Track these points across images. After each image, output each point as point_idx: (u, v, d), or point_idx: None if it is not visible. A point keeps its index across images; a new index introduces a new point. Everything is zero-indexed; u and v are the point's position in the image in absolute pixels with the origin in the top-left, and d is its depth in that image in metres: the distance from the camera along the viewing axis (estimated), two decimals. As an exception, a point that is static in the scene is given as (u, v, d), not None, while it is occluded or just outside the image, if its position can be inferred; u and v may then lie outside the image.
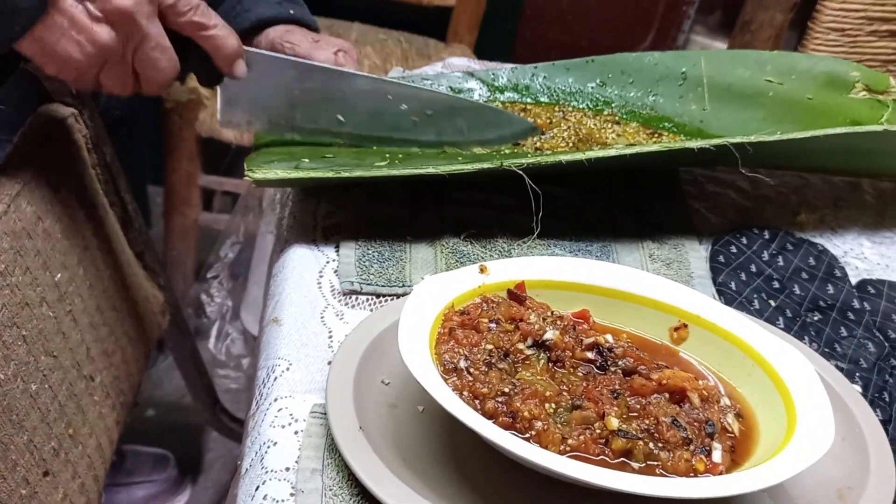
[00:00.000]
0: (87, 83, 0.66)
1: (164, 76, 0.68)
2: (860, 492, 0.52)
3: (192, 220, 1.72)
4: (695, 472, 0.49)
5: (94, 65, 0.64)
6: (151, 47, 0.66)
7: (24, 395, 0.71)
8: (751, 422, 0.53)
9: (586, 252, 0.74)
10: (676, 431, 0.50)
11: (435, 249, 0.72)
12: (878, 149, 0.80)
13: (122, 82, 0.67)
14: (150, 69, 0.67)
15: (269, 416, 0.58)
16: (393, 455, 0.53)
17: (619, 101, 0.91)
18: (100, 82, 0.66)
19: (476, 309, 0.58)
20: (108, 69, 0.65)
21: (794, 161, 0.85)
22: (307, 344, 0.64)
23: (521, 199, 0.70)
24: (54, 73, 0.64)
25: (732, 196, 0.86)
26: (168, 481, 1.44)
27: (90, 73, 0.65)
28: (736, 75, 0.92)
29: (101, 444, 0.88)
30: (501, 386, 0.52)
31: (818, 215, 0.85)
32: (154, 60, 0.66)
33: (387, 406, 0.56)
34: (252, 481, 0.55)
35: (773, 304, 0.71)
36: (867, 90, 0.90)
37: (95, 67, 0.64)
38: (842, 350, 0.67)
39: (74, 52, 0.62)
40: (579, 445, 0.50)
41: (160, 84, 0.69)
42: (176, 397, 1.63)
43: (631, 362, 0.55)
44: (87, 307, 0.85)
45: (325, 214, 0.75)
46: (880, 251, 0.82)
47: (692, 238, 0.78)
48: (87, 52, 0.63)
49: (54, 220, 0.79)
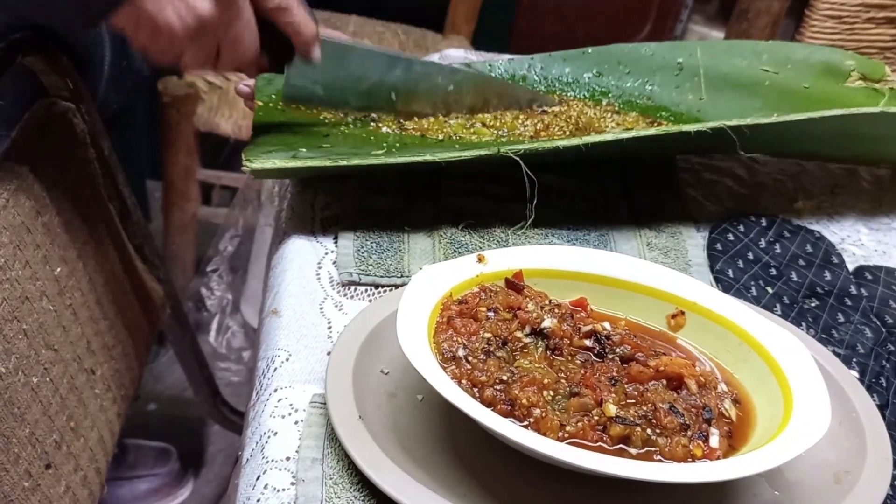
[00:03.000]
0: (171, 56, 0.66)
1: (246, 55, 0.70)
2: (857, 475, 0.53)
3: (191, 214, 1.72)
4: (692, 457, 0.50)
5: (188, 37, 0.64)
6: (242, 25, 0.67)
7: (25, 388, 0.72)
8: (748, 407, 0.54)
9: (584, 241, 0.75)
10: (674, 417, 0.51)
11: (433, 240, 0.72)
12: (874, 134, 0.80)
13: (206, 57, 0.68)
14: (235, 46, 0.68)
15: (270, 407, 0.58)
16: (392, 443, 0.53)
17: (615, 92, 0.92)
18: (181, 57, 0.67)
19: (474, 298, 0.58)
20: (198, 43, 0.66)
21: (791, 146, 0.85)
22: (306, 335, 0.64)
23: (518, 188, 0.70)
24: (145, 42, 0.64)
25: (729, 184, 0.87)
26: (170, 475, 1.45)
27: (180, 46, 0.65)
28: (732, 65, 0.92)
29: (103, 437, 0.89)
30: (500, 374, 0.52)
31: (815, 202, 0.85)
32: (242, 39, 0.68)
33: (386, 395, 0.57)
34: (253, 471, 0.55)
35: (770, 291, 0.72)
36: (863, 79, 0.90)
37: (187, 40, 0.65)
38: (839, 336, 0.68)
39: (174, 23, 0.63)
40: (577, 432, 0.50)
41: (239, 62, 0.70)
42: (177, 391, 1.63)
43: (628, 349, 0.55)
44: (88, 301, 0.85)
45: (323, 206, 0.76)
46: (877, 238, 0.82)
47: (689, 226, 0.78)
48: (185, 23, 0.63)
49: (53, 215, 0.79)
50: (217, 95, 1.66)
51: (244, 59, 0.70)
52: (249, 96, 0.82)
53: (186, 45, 0.65)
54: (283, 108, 0.81)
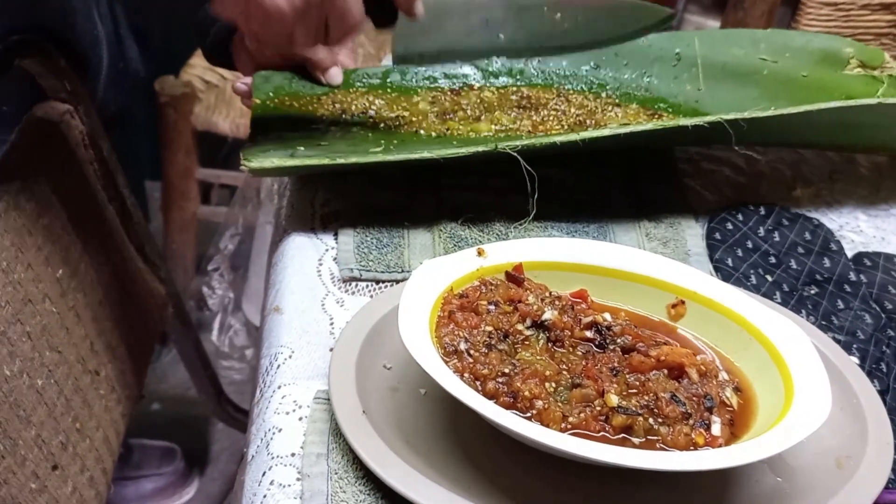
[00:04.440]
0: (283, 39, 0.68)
1: (353, 22, 0.71)
2: (858, 460, 0.53)
3: (191, 213, 1.72)
4: (695, 445, 0.50)
5: (297, 15, 0.66)
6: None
7: (30, 390, 0.72)
8: (749, 395, 0.54)
9: (583, 233, 0.75)
10: (676, 406, 0.51)
11: (433, 234, 0.73)
12: (872, 123, 0.80)
13: (316, 32, 0.69)
14: (342, 16, 0.69)
15: (274, 404, 0.59)
16: (396, 437, 0.53)
17: (613, 84, 0.92)
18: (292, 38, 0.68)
19: (475, 292, 0.58)
20: (305, 20, 0.67)
21: (789, 137, 0.85)
22: (309, 331, 0.64)
23: (517, 182, 0.70)
24: (256, 29, 0.66)
25: (728, 173, 0.87)
26: (176, 474, 1.45)
27: (290, 27, 0.66)
28: (730, 54, 0.92)
29: (109, 437, 0.89)
30: (502, 367, 0.52)
31: (813, 190, 0.86)
32: (348, 7, 0.69)
33: (389, 390, 0.57)
34: (259, 467, 0.55)
35: (769, 279, 0.72)
36: (862, 66, 0.90)
37: (297, 17, 0.66)
38: (839, 322, 0.68)
39: (281, 3, 0.64)
40: (580, 423, 0.51)
41: (347, 32, 0.72)
42: (181, 390, 1.64)
43: (629, 340, 0.56)
44: (90, 302, 0.86)
45: (323, 203, 0.76)
46: (876, 224, 0.82)
47: (688, 216, 0.79)
48: (293, 3, 0.64)
49: (54, 217, 0.80)
50: (214, 94, 1.66)
51: (351, 27, 0.71)
52: (247, 94, 0.82)
53: (296, 24, 0.66)
54: (280, 105, 0.81)
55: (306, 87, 0.83)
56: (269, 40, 0.67)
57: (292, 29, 0.66)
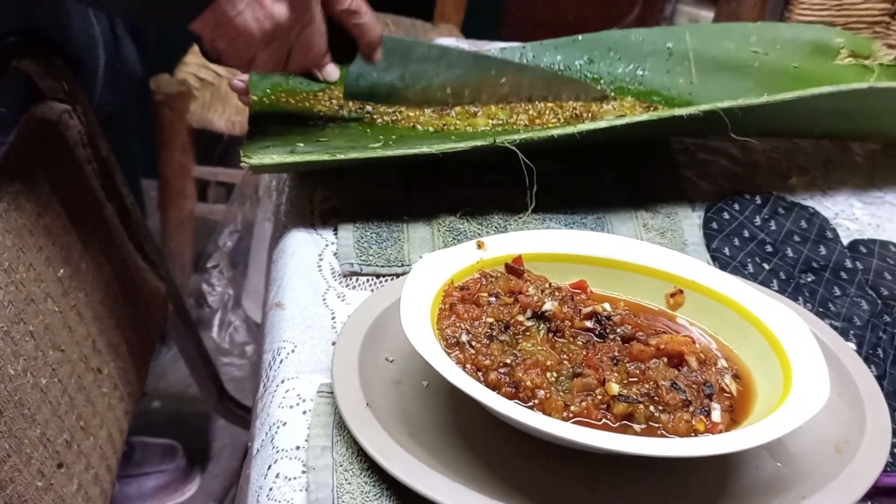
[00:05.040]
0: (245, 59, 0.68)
1: (315, 58, 0.72)
2: (857, 445, 0.53)
3: (188, 211, 1.73)
4: (695, 432, 0.50)
5: (264, 40, 0.66)
6: (313, 30, 0.69)
7: (34, 389, 0.72)
8: (748, 382, 0.55)
9: (581, 224, 0.75)
10: (676, 394, 0.51)
11: (432, 228, 0.73)
12: (865, 110, 0.81)
13: (278, 60, 0.70)
14: (306, 50, 0.70)
15: (278, 398, 0.59)
16: (400, 430, 0.54)
17: (607, 78, 0.92)
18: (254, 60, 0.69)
19: (475, 284, 0.59)
20: (272, 46, 0.67)
21: (782, 126, 0.86)
22: (311, 326, 0.65)
23: (515, 175, 0.71)
24: (222, 46, 0.66)
25: (724, 163, 0.87)
26: (177, 471, 1.46)
27: (255, 49, 0.67)
28: (721, 48, 0.92)
29: (112, 435, 0.89)
30: (503, 357, 0.53)
31: (809, 178, 0.86)
32: (313, 42, 0.70)
33: (392, 383, 0.57)
34: (264, 461, 0.56)
35: (766, 268, 0.73)
36: (852, 56, 0.91)
37: (264, 43, 0.66)
38: (835, 309, 0.69)
39: (252, 27, 0.64)
40: (581, 411, 0.51)
41: (308, 65, 0.72)
42: (181, 388, 1.64)
43: (629, 329, 0.56)
44: (91, 301, 0.86)
45: (322, 199, 0.76)
46: (871, 211, 0.83)
47: (685, 206, 0.79)
48: (263, 27, 0.65)
49: (54, 217, 0.80)
50: (210, 92, 1.66)
51: (313, 60, 0.72)
52: (244, 91, 0.82)
53: (261, 48, 0.67)
54: (277, 102, 0.81)
55: (303, 83, 0.83)
56: (231, 59, 0.68)
57: (256, 52, 0.67)
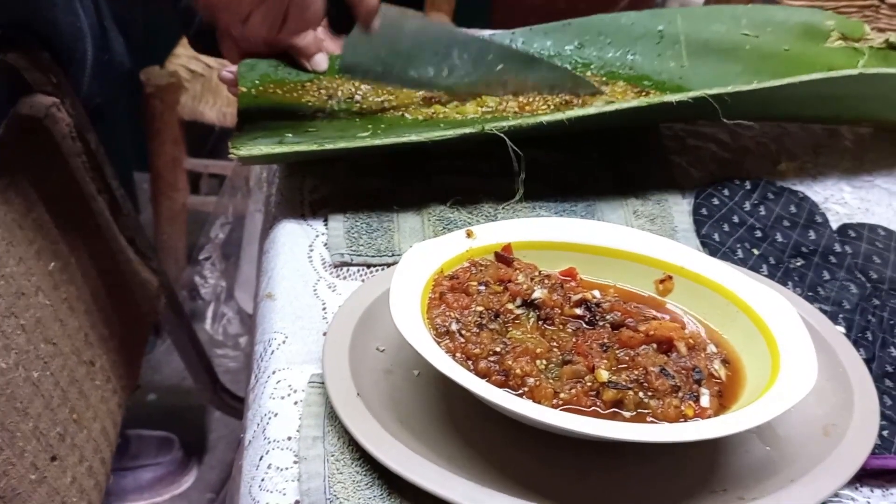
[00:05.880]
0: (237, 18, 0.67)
1: (310, 20, 0.71)
2: (845, 428, 0.54)
3: (181, 203, 1.72)
4: (684, 417, 0.51)
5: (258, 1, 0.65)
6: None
7: (26, 382, 0.72)
8: (737, 367, 0.55)
9: (571, 212, 0.75)
10: (665, 380, 0.52)
11: (422, 218, 0.73)
12: (855, 94, 0.81)
13: (272, 21, 0.69)
14: (301, 12, 0.69)
15: (269, 389, 0.59)
16: (391, 419, 0.54)
17: (597, 63, 0.92)
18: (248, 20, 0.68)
19: (465, 273, 0.59)
20: (266, 7, 0.67)
21: (772, 110, 0.86)
22: (302, 317, 0.65)
23: (504, 164, 0.71)
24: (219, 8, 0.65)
25: (713, 149, 0.88)
26: (174, 463, 1.46)
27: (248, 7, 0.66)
28: (712, 31, 0.92)
29: (106, 428, 0.90)
30: (493, 346, 0.53)
31: (798, 163, 0.86)
32: (309, 4, 0.69)
33: (383, 372, 0.58)
34: (256, 452, 0.56)
35: (756, 253, 0.73)
36: (843, 39, 0.91)
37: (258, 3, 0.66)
38: (825, 293, 0.69)
39: None
40: (571, 399, 0.51)
41: (302, 28, 0.72)
42: (176, 380, 1.64)
43: (618, 316, 0.56)
44: (83, 294, 0.86)
45: (312, 189, 0.76)
46: (860, 195, 0.83)
47: (675, 192, 0.79)
48: None
49: (44, 210, 0.80)
50: (200, 83, 1.66)
51: (307, 24, 0.71)
52: (233, 83, 0.82)
53: (255, 6, 0.66)
54: (266, 93, 0.81)
55: (292, 74, 0.83)
56: (223, 17, 0.67)
57: (250, 11, 0.66)
